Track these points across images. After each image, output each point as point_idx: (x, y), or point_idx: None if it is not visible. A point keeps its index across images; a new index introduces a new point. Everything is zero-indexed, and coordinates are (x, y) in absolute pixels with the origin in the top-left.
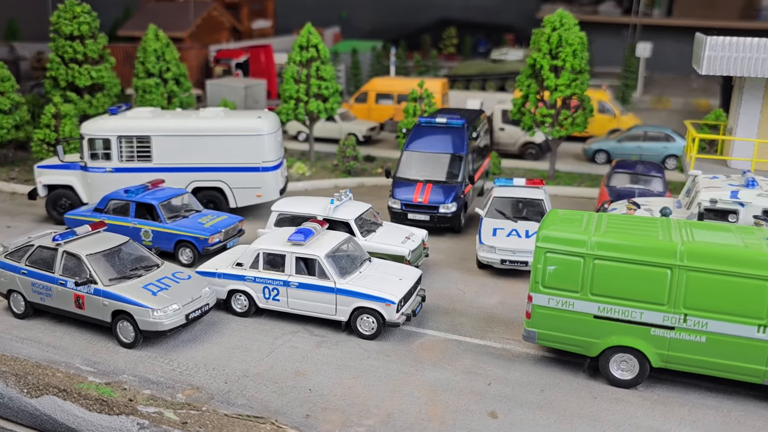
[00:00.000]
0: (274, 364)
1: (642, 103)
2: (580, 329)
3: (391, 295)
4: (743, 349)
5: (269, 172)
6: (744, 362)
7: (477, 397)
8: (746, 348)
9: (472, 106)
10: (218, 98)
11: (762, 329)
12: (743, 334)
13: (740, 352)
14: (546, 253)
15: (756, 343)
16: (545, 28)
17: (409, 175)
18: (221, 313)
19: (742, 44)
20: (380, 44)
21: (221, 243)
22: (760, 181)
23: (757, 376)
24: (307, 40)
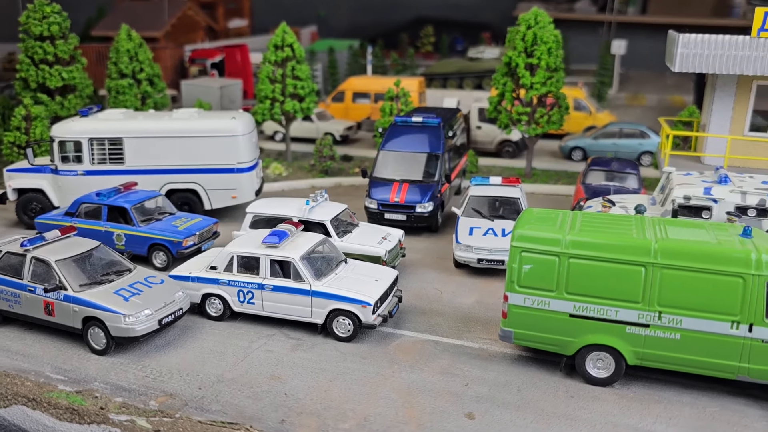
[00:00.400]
0: (249, 369)
1: (617, 100)
2: (556, 328)
3: (367, 296)
4: (717, 345)
5: (244, 173)
6: (718, 358)
7: (454, 399)
8: (720, 344)
9: (449, 104)
10: (193, 99)
11: (735, 325)
12: (717, 331)
13: (714, 348)
14: (521, 253)
15: (729, 339)
16: (520, 26)
17: (386, 175)
18: (195, 318)
19: (714, 41)
20: (357, 43)
21: (196, 246)
22: (732, 177)
23: (730, 372)
24: (282, 39)
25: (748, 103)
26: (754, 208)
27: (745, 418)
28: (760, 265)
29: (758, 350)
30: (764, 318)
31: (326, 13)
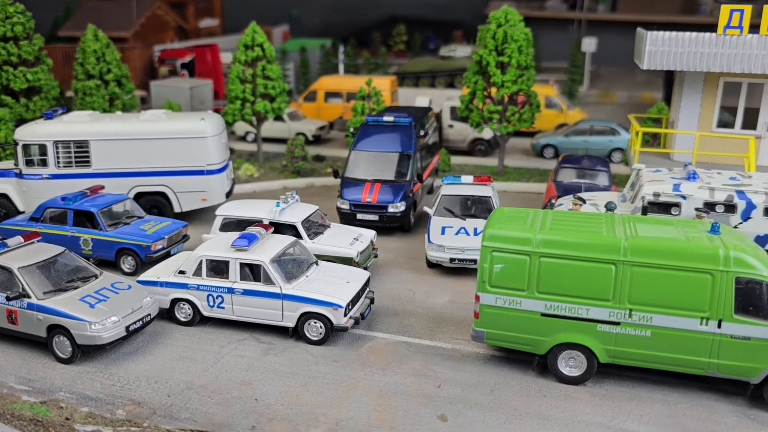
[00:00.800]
0: (219, 375)
1: (588, 98)
2: (528, 327)
3: (338, 299)
4: (687, 342)
5: (214, 175)
6: (688, 355)
7: (426, 401)
8: (690, 341)
9: (421, 103)
10: (163, 99)
11: (704, 322)
12: (687, 327)
13: (684, 345)
14: (492, 252)
15: (699, 335)
16: (491, 24)
17: (358, 175)
18: (164, 323)
19: (682, 39)
20: (330, 42)
21: (165, 249)
22: (700, 173)
23: (701, 368)
24: (252, 39)
25: (716, 100)
26: (722, 204)
27: (715, 413)
28: (728, 261)
29: (727, 346)
30: (733, 314)
31: (298, 12)
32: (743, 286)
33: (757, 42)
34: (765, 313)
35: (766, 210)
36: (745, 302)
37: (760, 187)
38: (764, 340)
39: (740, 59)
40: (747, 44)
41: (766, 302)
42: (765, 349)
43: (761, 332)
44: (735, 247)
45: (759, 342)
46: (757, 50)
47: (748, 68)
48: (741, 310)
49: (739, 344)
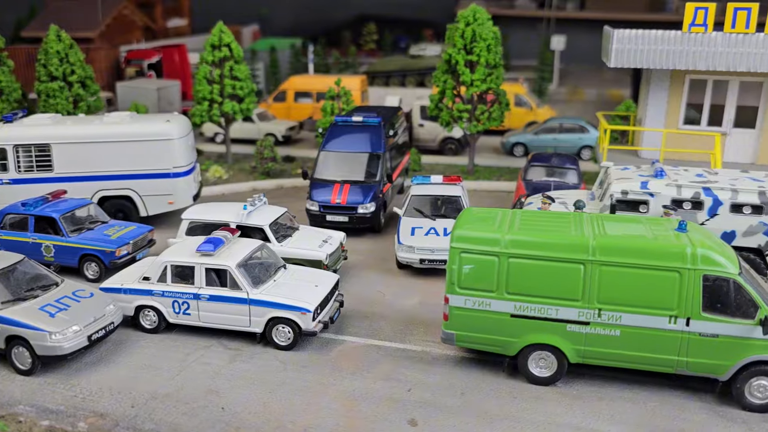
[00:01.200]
0: (184, 383)
1: (558, 95)
2: (497, 329)
3: (306, 303)
4: (656, 340)
5: (181, 177)
6: (657, 353)
7: (396, 405)
8: (659, 339)
9: (391, 102)
10: (130, 101)
11: (673, 320)
12: (655, 326)
13: (653, 343)
14: (461, 254)
15: (668, 333)
16: (459, 23)
17: (327, 176)
18: (129, 331)
19: (648, 37)
20: (300, 42)
21: (130, 255)
22: (668, 170)
23: (670, 366)
24: (220, 39)
25: (682, 97)
26: (689, 201)
27: (684, 411)
28: (695, 259)
29: (696, 343)
30: (701, 312)
31: (268, 11)
32: (710, 284)
33: (721, 39)
34: (732, 310)
35: (732, 206)
36: (712, 300)
37: (726, 183)
38: (732, 337)
39: (705, 57)
40: (711, 42)
41: (733, 299)
42: (733, 346)
43: (729, 329)
44: (702, 244)
45: (727, 339)
46: (721, 48)
47: (713, 66)
48: (709, 308)
49: (708, 342)
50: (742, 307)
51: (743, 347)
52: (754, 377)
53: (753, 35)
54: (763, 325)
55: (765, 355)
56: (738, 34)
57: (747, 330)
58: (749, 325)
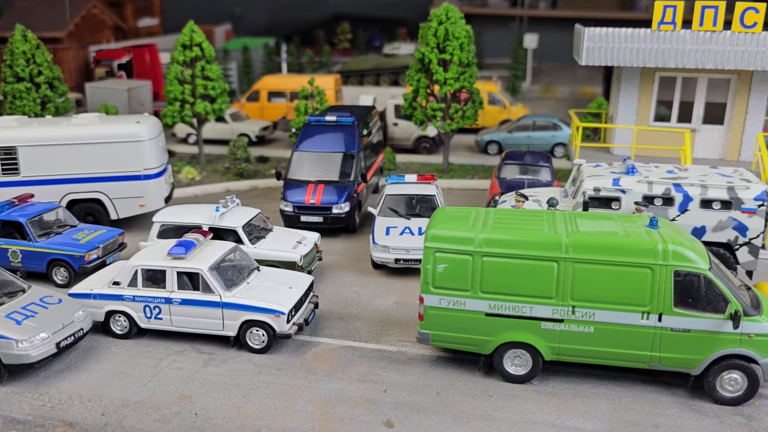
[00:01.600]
0: (156, 390)
1: (531, 93)
2: (472, 328)
3: (280, 305)
4: (629, 336)
5: (152, 179)
6: (630, 349)
7: (372, 407)
8: (632, 335)
9: (365, 101)
10: (99, 102)
11: (645, 316)
12: (628, 322)
13: (626, 339)
14: (435, 253)
15: (640, 329)
16: (432, 22)
17: (301, 176)
18: (99, 337)
19: (618, 35)
20: (273, 41)
21: (100, 259)
22: (639, 167)
23: (643, 362)
24: (191, 38)
25: (652, 95)
26: (661, 198)
27: (658, 406)
28: (666, 255)
29: (668, 339)
30: (672, 307)
31: (241, 10)
32: (682, 279)
33: (689, 37)
34: (703, 305)
35: (702, 202)
36: (684, 295)
37: (695, 179)
38: (703, 331)
39: (674, 54)
40: (680, 39)
41: (704, 294)
42: (704, 340)
43: (700, 324)
44: (673, 240)
45: (698, 334)
46: (689, 45)
47: (682, 63)
48: (680, 303)
49: (680, 337)
50: (712, 302)
51: (714, 341)
52: (725, 371)
53: (720, 33)
54: (733, 320)
55: (735, 349)
56: (706, 32)
57: (718, 324)
58: (720, 320)
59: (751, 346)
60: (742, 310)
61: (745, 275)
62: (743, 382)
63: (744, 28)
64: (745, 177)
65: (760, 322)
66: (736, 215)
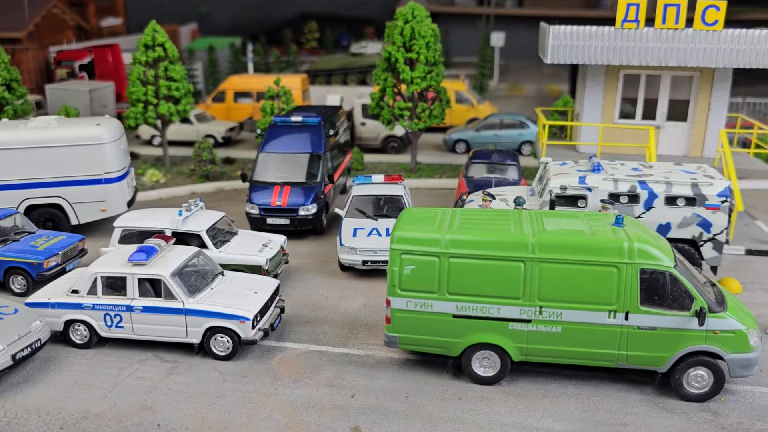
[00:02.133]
0: (118, 400)
1: (499, 91)
2: (440, 330)
3: (245, 311)
4: (596, 335)
5: (114, 183)
6: (598, 348)
7: (340, 412)
8: (599, 334)
9: (332, 101)
10: (60, 104)
11: (612, 314)
12: (595, 321)
13: (594, 338)
14: (401, 255)
15: (608, 328)
16: (398, 21)
17: (267, 178)
18: (58, 347)
19: (583, 33)
20: (239, 40)
21: (59, 266)
22: (605, 165)
23: (611, 361)
24: (153, 38)
25: (617, 92)
26: (626, 195)
27: (626, 404)
28: (632, 253)
29: (635, 337)
30: (639, 305)
31: (207, 9)
32: (648, 277)
33: (652, 35)
34: (669, 302)
35: (667, 199)
36: (650, 293)
37: (660, 176)
38: (669, 329)
39: (637, 52)
40: (643, 37)
41: (669, 292)
42: (670, 338)
43: (666, 321)
44: (638, 238)
45: (664, 331)
46: (653, 43)
47: (645, 61)
48: (646, 301)
49: (646, 335)
50: (678, 299)
51: (680, 339)
52: (691, 368)
53: (682, 30)
54: (699, 316)
55: (701, 346)
56: (668, 30)
57: (683, 321)
58: (686, 317)
59: (717, 342)
60: (707, 307)
61: (710, 271)
62: (709, 379)
63: (705, 26)
64: (708, 173)
65: (724, 318)
66: (700, 212)
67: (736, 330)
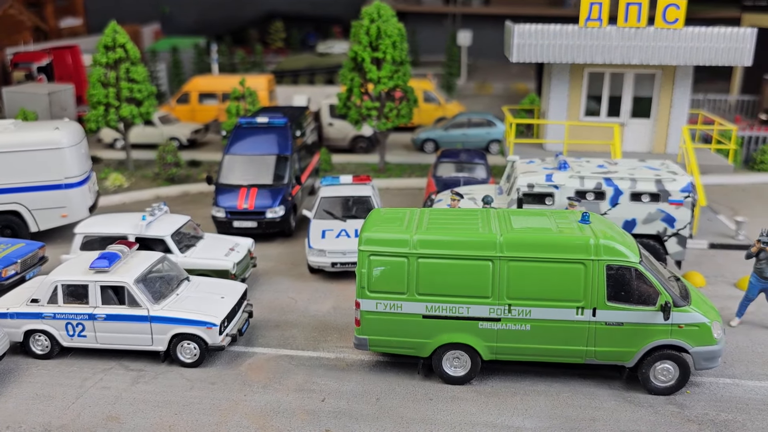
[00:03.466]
0: (81, 412)
1: (466, 90)
2: (410, 331)
3: (211, 316)
4: (565, 332)
5: (74, 188)
6: (567, 345)
7: (310, 417)
8: (567, 331)
9: (299, 101)
10: (18, 107)
11: (580, 311)
12: (564, 318)
13: (563, 335)
14: (369, 256)
15: (576, 325)
16: (363, 20)
17: (233, 181)
18: (18, 358)
19: (547, 31)
20: (203, 41)
21: (19, 275)
22: (571, 162)
23: (579, 357)
24: (113, 39)
25: (582, 90)
26: (592, 192)
27: (595, 399)
28: (598, 250)
29: (603, 333)
30: (606, 301)
31: (170, 9)
32: (614, 273)
33: (615, 33)
34: (635, 298)
35: (632, 195)
36: (616, 289)
37: (625, 173)
38: (636, 324)
39: (601, 50)
40: (606, 36)
41: (635, 287)
42: (637, 333)
43: (633, 317)
44: (604, 235)
45: (632, 326)
46: (616, 41)
47: (609, 59)
48: (613, 297)
49: (614, 330)
50: (644, 295)
51: (647, 333)
52: (658, 361)
53: (644, 29)
54: (664, 311)
55: (667, 340)
56: (631, 28)
57: (649, 316)
58: (651, 312)
59: (682, 336)
60: (672, 302)
61: (674, 265)
62: (675, 372)
63: (666, 24)
64: (671, 169)
65: (689, 312)
66: (664, 207)
67: (700, 323)
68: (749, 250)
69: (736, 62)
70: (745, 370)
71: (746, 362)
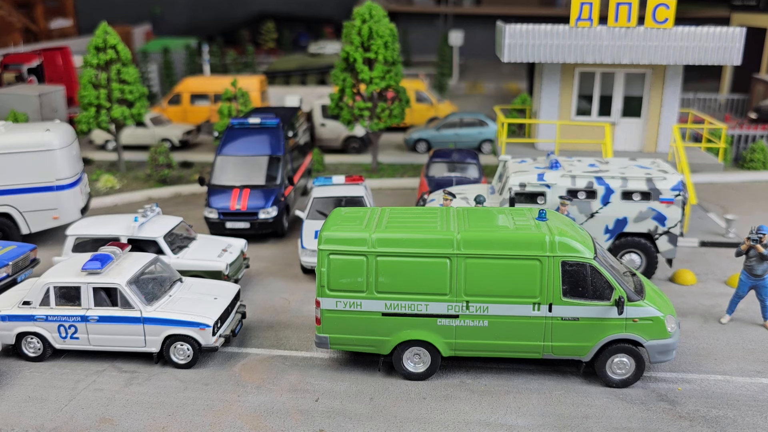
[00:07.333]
0: (74, 414)
1: (458, 90)
2: (370, 329)
3: (205, 317)
4: (522, 328)
5: (65, 190)
6: (524, 340)
7: (304, 417)
8: (524, 326)
9: (291, 102)
10: (7, 109)
11: (536, 307)
12: (521, 314)
13: (520, 331)
14: (329, 255)
15: (533, 320)
16: (355, 20)
17: (225, 182)
18: (10, 361)
19: (538, 31)
20: (195, 42)
21: (10, 277)
22: (562, 162)
23: (536, 352)
24: (104, 40)
25: (573, 90)
26: (584, 191)
27: (587, 397)
28: (553, 246)
29: (559, 328)
30: (561, 297)
31: (162, 10)
32: (569, 269)
33: (606, 33)
34: (590, 293)
35: (623, 194)
36: (572, 285)
37: (616, 172)
38: (591, 318)
39: (592, 50)
40: (597, 36)
41: (590, 283)
42: (592, 327)
43: (588, 312)
44: (560, 232)
45: (587, 321)
46: (606, 41)
47: (600, 59)
48: (569, 293)
49: (569, 325)
50: (598, 290)
51: (602, 328)
52: (613, 355)
53: (634, 28)
54: (618, 305)
55: (622, 334)
56: (621, 28)
57: (604, 311)
58: (606, 306)
59: (636, 329)
60: (626, 296)
61: (665, 263)
62: (631, 365)
63: (656, 24)
64: (662, 168)
65: (642, 306)
66: (655, 206)
67: (653, 317)
68: (739, 247)
69: (726, 61)
70: (735, 367)
71: (737, 359)
